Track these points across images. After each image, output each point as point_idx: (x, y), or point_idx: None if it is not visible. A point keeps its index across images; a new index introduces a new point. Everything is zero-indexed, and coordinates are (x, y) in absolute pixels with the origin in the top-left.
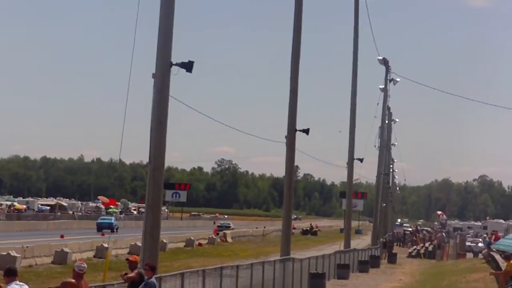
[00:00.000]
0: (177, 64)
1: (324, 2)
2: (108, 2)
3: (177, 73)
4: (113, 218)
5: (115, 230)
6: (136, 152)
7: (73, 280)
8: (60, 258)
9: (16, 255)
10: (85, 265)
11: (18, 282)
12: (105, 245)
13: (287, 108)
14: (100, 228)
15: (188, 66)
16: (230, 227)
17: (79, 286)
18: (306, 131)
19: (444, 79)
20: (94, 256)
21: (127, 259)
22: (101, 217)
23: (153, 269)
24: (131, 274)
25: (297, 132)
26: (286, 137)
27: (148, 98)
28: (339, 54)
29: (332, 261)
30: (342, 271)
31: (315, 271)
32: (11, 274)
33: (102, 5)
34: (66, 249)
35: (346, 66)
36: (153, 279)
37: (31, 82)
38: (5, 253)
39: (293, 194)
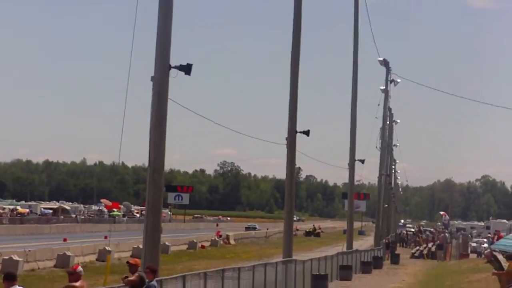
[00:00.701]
0: (176, 67)
1: (323, 3)
2: (106, 6)
3: (176, 76)
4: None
5: None
6: (138, 155)
7: (77, 284)
8: (63, 261)
9: (18, 259)
10: (81, 269)
11: (18, 287)
12: (108, 248)
13: (288, 110)
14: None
15: (187, 68)
16: (256, 228)
17: None
18: (307, 133)
19: (446, 79)
20: (97, 259)
21: (127, 262)
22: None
23: (154, 272)
24: (132, 278)
25: (298, 134)
26: (286, 138)
27: (148, 101)
28: (340, 55)
29: (335, 262)
30: (345, 272)
31: (318, 273)
32: (11, 279)
33: (100, 9)
34: (68, 253)
35: (347, 67)
36: (154, 282)
37: (32, 86)
38: (7, 257)
39: (294, 196)
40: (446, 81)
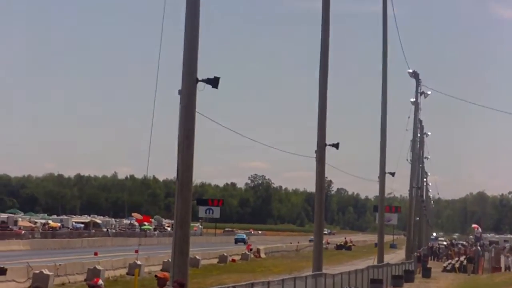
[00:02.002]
0: (203, 80)
1: (352, 15)
2: (133, 20)
3: (203, 89)
4: (244, 235)
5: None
6: (169, 168)
7: None
8: (93, 275)
9: (49, 273)
10: (101, 282)
11: None
12: (138, 262)
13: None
14: (236, 241)
15: (214, 82)
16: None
17: None
18: (336, 146)
19: (477, 90)
20: (127, 273)
21: (156, 276)
22: (237, 234)
23: (182, 286)
24: None
25: (328, 147)
26: (316, 151)
27: (177, 114)
28: (369, 67)
29: (365, 276)
30: (376, 286)
31: (348, 287)
32: None
33: (127, 23)
34: (98, 267)
35: (376, 79)
36: None
37: (64, 100)
38: (38, 271)
39: (324, 209)
40: (477, 93)
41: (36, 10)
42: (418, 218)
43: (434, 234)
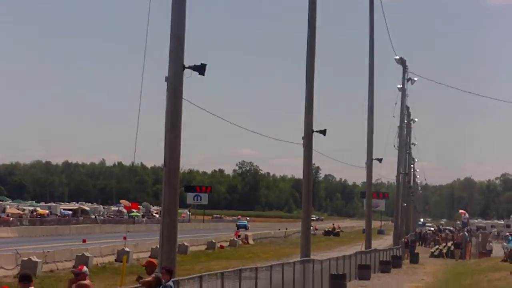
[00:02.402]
0: (189, 67)
1: (339, 2)
2: (119, 6)
3: (190, 76)
4: (246, 221)
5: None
6: (157, 155)
7: (87, 282)
8: (81, 262)
9: (37, 260)
10: (86, 269)
11: None
12: (126, 249)
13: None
14: (238, 227)
15: (201, 68)
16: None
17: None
18: (323, 132)
19: (464, 77)
20: (116, 260)
21: (143, 265)
22: (239, 221)
23: (170, 273)
24: (148, 278)
25: (315, 133)
26: (303, 138)
27: (164, 101)
28: (356, 53)
29: (353, 262)
30: (363, 271)
31: (336, 272)
32: (26, 280)
33: (113, 10)
34: (87, 254)
35: (363, 65)
36: (170, 283)
37: (51, 88)
38: (26, 259)
39: (311, 195)
40: (464, 79)
41: None
42: (405, 204)
43: (422, 220)
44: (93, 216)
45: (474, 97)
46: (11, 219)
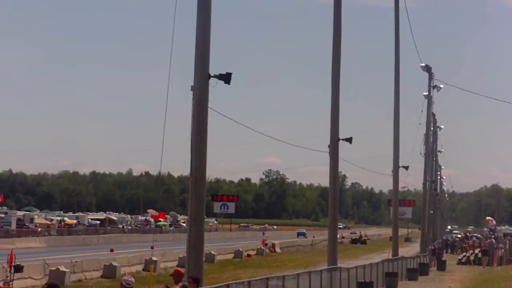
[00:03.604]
0: (215, 76)
1: (364, 10)
2: (146, 17)
3: (215, 85)
4: (304, 230)
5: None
6: (184, 164)
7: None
8: (109, 272)
9: (65, 270)
10: (133, 279)
11: None
12: (154, 258)
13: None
14: (298, 235)
15: (226, 77)
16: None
17: None
18: (349, 140)
19: (490, 84)
20: (143, 269)
21: (170, 274)
22: (298, 230)
23: (197, 281)
24: (175, 287)
25: (341, 141)
26: (329, 146)
27: (190, 110)
28: (382, 61)
29: (380, 270)
30: (391, 279)
31: (363, 280)
32: None
33: (138, 20)
34: (114, 263)
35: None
36: None
37: (78, 98)
38: (54, 268)
39: (338, 203)
40: (490, 86)
41: (45, 8)
42: (432, 212)
43: (449, 227)
44: (121, 226)
45: (501, 103)
46: (39, 229)
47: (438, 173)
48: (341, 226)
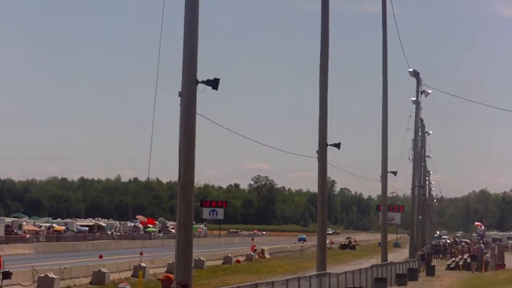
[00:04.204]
0: (203, 82)
1: (352, 15)
2: (133, 21)
3: (203, 91)
4: (304, 235)
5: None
6: (172, 170)
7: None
8: (98, 278)
9: (54, 276)
10: (129, 286)
11: None
12: (143, 264)
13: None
14: (299, 240)
15: (214, 83)
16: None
17: None
18: (338, 145)
19: (478, 89)
20: (132, 276)
21: (159, 279)
22: (299, 235)
23: (186, 287)
24: None
25: (329, 147)
26: (317, 151)
27: (178, 116)
28: (369, 66)
29: (369, 275)
30: (380, 284)
31: (352, 286)
32: None
33: (127, 24)
34: (103, 269)
35: (377, 78)
36: None
37: (65, 104)
38: (43, 275)
39: (326, 209)
40: (479, 91)
41: (37, 10)
42: (421, 217)
43: (438, 232)
44: (110, 232)
45: (489, 108)
46: (28, 235)
47: (427, 178)
48: (330, 232)
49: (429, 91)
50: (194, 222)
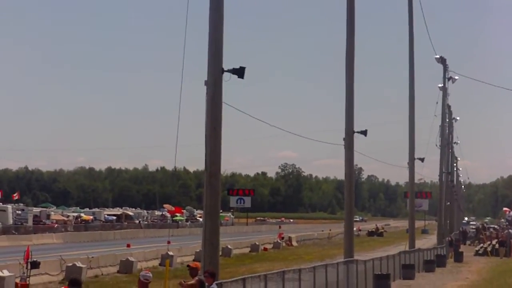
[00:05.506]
0: (228, 71)
1: (378, 1)
2: (159, 13)
3: (229, 79)
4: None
5: None
6: (200, 159)
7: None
8: (126, 267)
9: (81, 265)
10: (151, 275)
11: None
12: (170, 253)
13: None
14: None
15: (240, 72)
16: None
17: None
18: (364, 133)
19: (505, 74)
20: (160, 264)
21: (188, 266)
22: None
23: (213, 276)
24: (191, 281)
25: (356, 134)
26: (344, 139)
27: (204, 105)
28: (396, 53)
29: (397, 262)
30: (408, 271)
31: (380, 272)
32: (76, 285)
33: (151, 15)
34: (131, 258)
35: (403, 64)
36: (214, 286)
37: (94, 95)
38: (71, 264)
39: (353, 196)
40: (507, 76)
41: (59, 7)
42: (449, 203)
43: (466, 218)
44: (137, 221)
45: None
46: (56, 225)
47: (454, 164)
48: (357, 219)
49: (456, 77)
50: (221, 211)
